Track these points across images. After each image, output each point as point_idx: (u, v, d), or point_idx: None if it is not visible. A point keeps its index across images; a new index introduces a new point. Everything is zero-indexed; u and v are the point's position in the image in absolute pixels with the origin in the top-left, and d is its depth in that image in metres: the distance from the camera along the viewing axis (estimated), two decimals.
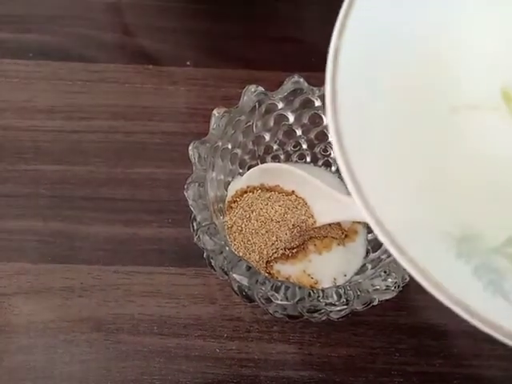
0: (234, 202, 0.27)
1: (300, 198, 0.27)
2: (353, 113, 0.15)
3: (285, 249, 0.26)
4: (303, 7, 0.36)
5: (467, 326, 0.28)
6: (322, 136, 0.29)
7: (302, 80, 0.27)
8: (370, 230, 0.28)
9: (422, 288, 0.30)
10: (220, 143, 0.25)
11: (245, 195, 0.27)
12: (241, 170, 0.28)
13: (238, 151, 0.28)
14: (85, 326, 0.27)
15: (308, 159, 0.30)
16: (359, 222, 0.28)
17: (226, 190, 0.28)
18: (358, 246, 0.27)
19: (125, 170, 0.31)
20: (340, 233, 0.28)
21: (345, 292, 0.22)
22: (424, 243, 0.14)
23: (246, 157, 0.29)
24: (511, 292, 0.14)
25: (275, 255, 0.26)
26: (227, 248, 0.22)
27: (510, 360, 0.27)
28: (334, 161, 0.30)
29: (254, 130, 0.28)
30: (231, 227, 0.27)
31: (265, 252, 0.26)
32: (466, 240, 0.14)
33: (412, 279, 0.22)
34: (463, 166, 0.15)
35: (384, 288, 0.22)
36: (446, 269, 0.14)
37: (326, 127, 0.29)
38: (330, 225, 0.27)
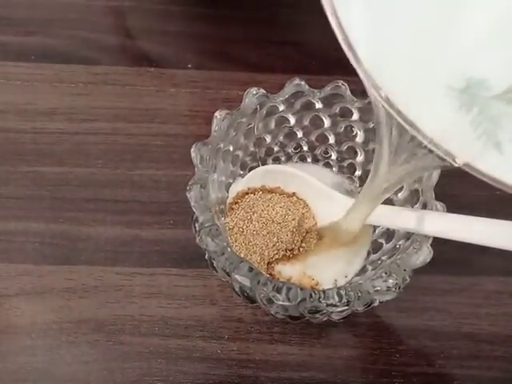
0: (236, 204, 0.27)
1: (301, 199, 0.27)
2: None
3: (286, 250, 0.26)
4: (304, 11, 0.36)
5: (467, 328, 0.29)
6: (323, 138, 0.29)
7: (302, 83, 0.27)
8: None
9: (421, 289, 0.30)
10: (222, 145, 0.25)
11: (246, 197, 0.28)
12: (242, 172, 0.29)
13: (240, 153, 0.28)
14: (86, 327, 0.27)
15: (309, 161, 0.30)
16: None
17: (228, 192, 0.28)
18: (359, 247, 0.27)
19: (126, 172, 0.31)
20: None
21: (346, 293, 0.22)
22: (425, 101, 0.14)
23: (248, 158, 0.29)
24: (503, 142, 0.14)
25: (276, 256, 0.26)
26: (229, 249, 0.22)
27: (510, 361, 0.27)
28: (335, 163, 0.30)
29: (256, 132, 0.28)
30: (232, 228, 0.27)
31: (266, 253, 0.26)
32: (468, 89, 0.14)
33: (411, 280, 0.23)
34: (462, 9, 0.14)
35: (385, 289, 0.22)
36: (446, 123, 0.14)
37: (326, 129, 0.29)
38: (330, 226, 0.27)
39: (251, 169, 0.29)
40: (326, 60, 0.34)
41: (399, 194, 0.27)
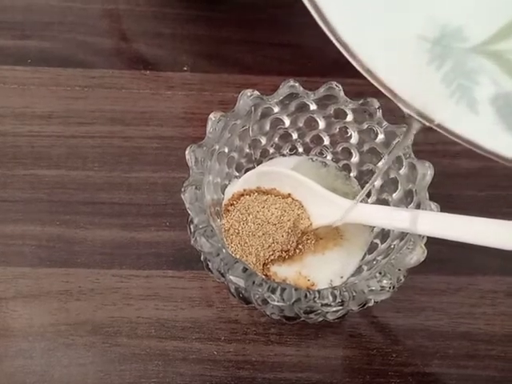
0: (231, 205, 0.28)
1: (296, 200, 0.28)
2: None
3: (281, 251, 0.26)
4: (299, 13, 0.37)
5: (463, 327, 0.29)
6: (318, 139, 0.29)
7: (297, 84, 0.27)
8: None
9: (417, 289, 0.30)
10: (217, 147, 0.26)
11: (241, 198, 0.28)
12: (237, 174, 0.29)
13: (235, 155, 0.28)
14: (83, 330, 0.27)
15: None
16: (355, 224, 0.28)
17: (223, 194, 0.28)
18: (355, 247, 0.28)
19: (122, 175, 0.31)
20: (336, 235, 0.28)
21: (340, 293, 0.22)
22: (397, 55, 0.13)
23: (243, 160, 0.29)
24: (478, 101, 0.13)
25: (272, 257, 0.26)
26: (224, 250, 0.23)
27: (506, 360, 0.27)
28: (330, 164, 0.30)
29: (251, 133, 0.28)
30: (228, 230, 0.27)
31: (262, 254, 0.26)
32: (442, 40, 0.13)
33: (407, 281, 0.23)
34: None
35: (379, 289, 0.22)
36: (415, 78, 0.13)
37: (321, 131, 0.29)
38: (326, 227, 0.27)
39: (247, 170, 0.29)
40: (321, 62, 0.34)
41: (394, 195, 0.27)
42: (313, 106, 0.28)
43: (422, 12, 0.13)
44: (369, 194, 0.29)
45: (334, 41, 0.13)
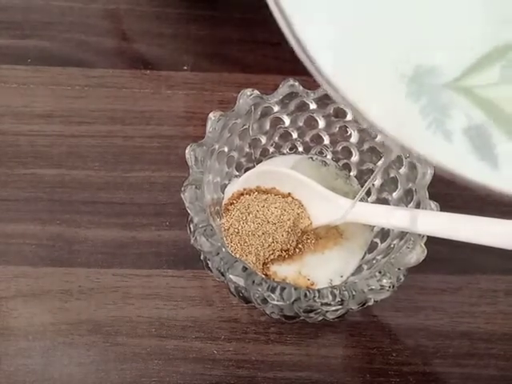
0: (231, 205, 0.28)
1: (296, 199, 0.28)
2: None
3: (281, 250, 0.27)
4: None
5: (463, 326, 0.29)
6: (318, 138, 0.29)
7: (297, 83, 0.27)
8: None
9: (417, 288, 0.30)
10: (216, 146, 0.26)
11: (241, 197, 0.28)
12: (237, 173, 0.29)
13: (235, 154, 0.28)
14: (83, 329, 0.27)
15: None
16: (355, 224, 0.28)
17: (223, 193, 0.28)
18: (355, 247, 0.28)
19: (123, 174, 0.31)
20: (336, 234, 0.28)
21: (340, 292, 0.22)
22: (370, 83, 0.14)
23: (243, 159, 0.29)
24: (453, 132, 0.13)
25: (272, 257, 0.26)
26: (224, 249, 0.23)
27: (506, 359, 0.27)
28: (330, 163, 0.30)
29: (250, 132, 0.28)
30: (228, 229, 0.27)
31: (261, 254, 0.26)
32: (417, 78, 0.14)
33: (407, 280, 0.23)
34: None
35: (379, 288, 0.22)
36: (394, 109, 0.14)
37: (321, 130, 0.29)
38: (326, 226, 0.27)
39: (246, 170, 0.29)
40: None
41: (393, 194, 0.27)
42: (313, 105, 0.28)
43: (400, 53, 0.14)
44: (369, 193, 0.29)
45: (316, 75, 0.14)
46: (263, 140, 0.29)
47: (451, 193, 0.29)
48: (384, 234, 0.27)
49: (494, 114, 0.14)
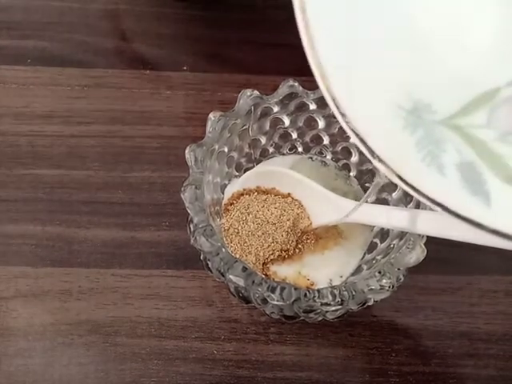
0: (231, 205, 0.28)
1: (296, 200, 0.28)
2: None
3: (281, 250, 0.27)
4: None
5: (463, 327, 0.29)
6: (318, 139, 0.29)
7: (296, 84, 0.27)
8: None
9: (416, 288, 0.30)
10: (216, 146, 0.26)
11: (241, 198, 0.28)
12: (237, 173, 0.29)
13: (235, 154, 0.28)
14: (83, 329, 0.27)
15: None
16: (355, 224, 0.28)
17: (223, 193, 0.28)
18: (355, 247, 0.28)
19: (122, 174, 0.31)
20: (336, 234, 0.28)
21: (340, 292, 0.22)
22: (372, 113, 0.14)
23: (243, 160, 0.29)
24: (446, 166, 0.14)
25: (271, 257, 0.26)
26: (223, 249, 0.23)
27: (505, 359, 0.28)
28: (330, 163, 0.30)
29: (250, 133, 0.28)
30: (228, 229, 0.27)
31: (261, 254, 0.26)
32: (415, 111, 0.14)
33: (406, 280, 0.23)
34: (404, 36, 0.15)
35: (379, 288, 0.22)
36: (391, 139, 0.14)
37: (320, 130, 0.29)
38: (325, 226, 0.27)
39: (246, 170, 0.29)
40: None
41: (393, 194, 0.27)
42: (312, 106, 0.28)
43: (401, 86, 0.15)
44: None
45: (326, 94, 0.14)
46: (263, 140, 0.29)
47: None
48: (384, 234, 0.27)
49: (483, 154, 0.14)
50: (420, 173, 0.14)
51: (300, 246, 0.27)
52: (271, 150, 0.30)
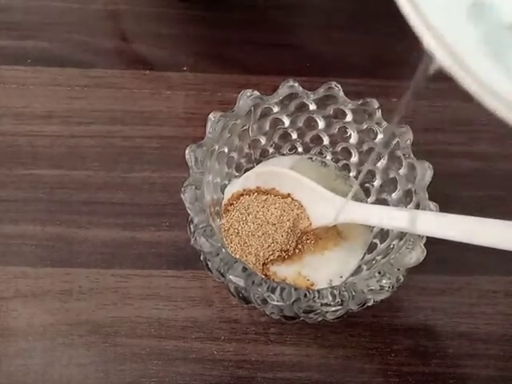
0: (231, 205, 0.28)
1: (296, 200, 0.28)
2: None
3: (281, 251, 0.27)
4: (299, 13, 0.37)
5: (463, 327, 0.29)
6: (317, 139, 0.29)
7: (296, 84, 0.27)
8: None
9: (416, 288, 0.30)
10: (216, 147, 0.26)
11: (241, 198, 0.28)
12: (237, 174, 0.29)
13: (235, 155, 0.28)
14: (83, 329, 0.27)
15: None
16: (355, 224, 0.28)
17: (223, 193, 0.28)
18: (355, 247, 0.28)
19: (122, 175, 0.31)
20: (336, 235, 0.28)
21: (340, 292, 0.22)
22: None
23: (242, 160, 0.29)
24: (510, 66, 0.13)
25: (271, 257, 0.26)
26: (223, 250, 0.23)
27: (505, 359, 0.28)
28: (330, 164, 0.30)
29: (250, 133, 0.28)
30: (228, 230, 0.27)
31: (261, 254, 0.26)
32: (476, 6, 0.13)
33: (406, 280, 0.23)
34: None
35: (378, 288, 0.22)
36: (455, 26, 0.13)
37: (320, 131, 0.29)
38: (325, 227, 0.27)
39: (246, 170, 0.29)
40: (321, 62, 0.34)
41: (393, 195, 0.27)
42: (312, 106, 0.28)
43: None
44: (368, 194, 0.29)
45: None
46: (263, 141, 0.29)
47: (451, 194, 0.29)
48: (383, 234, 0.27)
49: None
50: (483, 64, 0.13)
51: (300, 246, 0.27)
52: (271, 150, 0.30)
